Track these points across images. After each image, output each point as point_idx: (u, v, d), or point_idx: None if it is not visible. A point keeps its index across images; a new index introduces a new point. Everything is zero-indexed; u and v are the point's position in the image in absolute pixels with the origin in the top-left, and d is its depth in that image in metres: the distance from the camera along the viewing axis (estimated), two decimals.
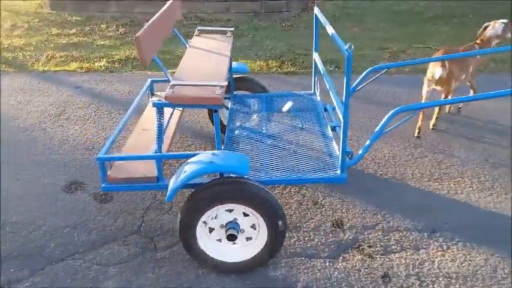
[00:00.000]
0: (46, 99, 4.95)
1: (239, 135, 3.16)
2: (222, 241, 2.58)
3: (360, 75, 3.42)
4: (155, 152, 2.64)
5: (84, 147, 3.97)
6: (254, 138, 3.12)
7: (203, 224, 2.51)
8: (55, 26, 7.87)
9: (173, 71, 2.99)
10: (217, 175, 2.54)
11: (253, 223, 2.54)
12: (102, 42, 7.03)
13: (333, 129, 3.20)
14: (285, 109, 3.44)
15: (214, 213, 2.49)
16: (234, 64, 3.77)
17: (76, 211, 3.17)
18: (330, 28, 2.71)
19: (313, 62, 3.65)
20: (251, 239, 2.58)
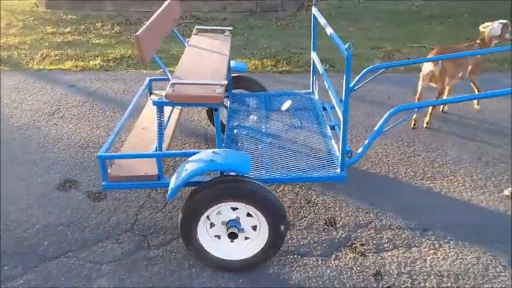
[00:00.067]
0: (40, 97, 4.94)
1: (238, 133, 3.16)
2: (221, 238, 2.59)
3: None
4: (156, 150, 2.64)
5: (78, 145, 3.97)
6: (253, 136, 3.13)
7: (206, 219, 2.51)
8: (50, 25, 7.86)
9: (171, 70, 2.99)
10: (217, 173, 2.55)
11: (255, 224, 2.55)
12: (97, 40, 7.02)
13: (332, 128, 3.22)
14: (284, 108, 3.45)
15: (217, 210, 2.49)
16: (232, 63, 3.77)
17: (70, 209, 3.17)
18: (329, 28, 2.72)
19: (311, 61, 3.66)
20: (248, 239, 2.59)
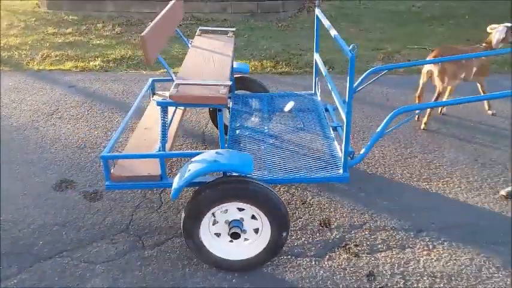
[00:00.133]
0: (40, 98, 4.97)
1: (241, 134, 3.17)
2: (221, 236, 2.59)
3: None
4: (159, 151, 2.66)
5: (75, 146, 3.99)
6: (256, 137, 3.13)
7: (211, 216, 2.51)
8: (51, 25, 7.89)
9: (174, 71, 3.00)
10: (220, 174, 2.56)
11: (257, 227, 2.56)
12: (98, 41, 7.05)
13: (334, 129, 3.23)
14: (287, 109, 3.47)
15: (225, 208, 2.49)
16: (235, 64, 3.78)
17: (66, 209, 3.18)
18: (333, 30, 2.73)
19: (314, 63, 3.67)
20: (248, 240, 2.60)
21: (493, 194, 3.28)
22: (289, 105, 3.48)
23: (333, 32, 2.69)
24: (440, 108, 4.54)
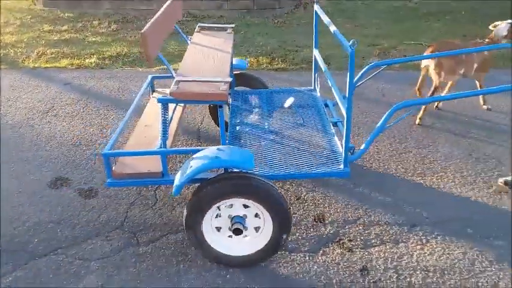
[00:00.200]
0: (35, 95, 4.96)
1: (241, 131, 3.18)
2: (221, 230, 2.59)
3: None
4: (160, 148, 2.66)
5: (70, 143, 3.99)
6: (256, 133, 3.14)
7: (216, 209, 2.52)
8: (47, 23, 7.87)
9: (174, 68, 3.01)
10: (221, 170, 2.56)
11: (258, 225, 2.57)
12: (93, 38, 7.03)
13: (334, 124, 3.23)
14: (287, 105, 3.47)
15: (230, 203, 2.50)
16: (234, 60, 3.78)
17: (61, 207, 3.19)
18: (332, 26, 2.74)
19: (313, 59, 3.68)
20: (246, 237, 2.60)
21: (487, 188, 3.29)
22: (289, 101, 3.49)
23: (333, 28, 2.70)
24: (436, 102, 4.54)
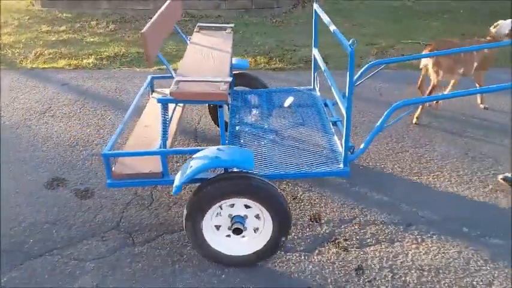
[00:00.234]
0: (32, 96, 4.96)
1: (241, 130, 3.18)
2: (220, 229, 2.59)
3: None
4: (160, 148, 2.66)
5: (67, 144, 3.99)
6: (256, 133, 3.15)
7: (218, 208, 2.52)
8: (45, 23, 7.87)
9: (173, 68, 3.01)
10: (221, 170, 2.56)
11: (257, 226, 2.57)
12: (91, 39, 7.03)
13: (334, 124, 3.23)
14: (287, 104, 3.47)
15: (232, 202, 2.49)
16: (234, 60, 3.77)
17: (57, 207, 3.19)
18: (332, 25, 2.74)
19: (312, 58, 3.68)
20: (244, 237, 2.60)
21: (483, 187, 3.29)
22: (288, 100, 3.49)
23: (332, 27, 2.71)
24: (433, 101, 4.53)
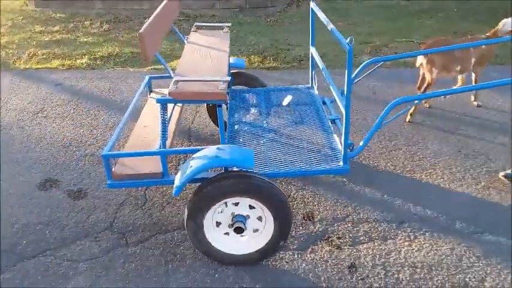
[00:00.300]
0: (25, 97, 4.95)
1: (240, 130, 3.18)
2: (220, 226, 2.59)
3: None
4: (160, 148, 2.66)
5: (60, 144, 3.97)
6: (255, 132, 3.15)
7: (224, 205, 2.52)
8: (39, 24, 7.84)
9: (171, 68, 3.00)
10: (221, 169, 2.56)
11: (257, 228, 2.58)
12: (85, 39, 7.01)
13: (332, 121, 3.24)
14: (285, 103, 3.48)
15: (236, 201, 2.50)
16: (231, 59, 3.77)
17: (50, 208, 3.18)
18: (330, 24, 2.75)
19: (310, 56, 3.68)
20: (244, 237, 2.61)
21: (475, 185, 3.31)
22: (287, 99, 3.50)
23: (330, 26, 2.71)
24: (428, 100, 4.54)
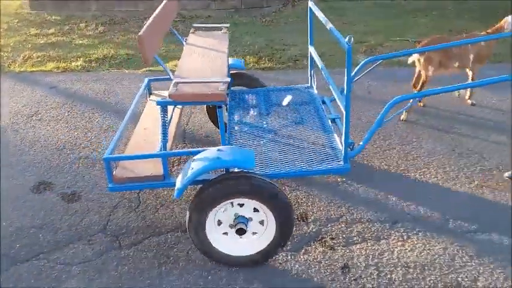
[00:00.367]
0: (20, 100, 4.94)
1: (240, 130, 3.18)
2: (221, 225, 2.58)
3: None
4: (160, 150, 2.65)
5: (54, 147, 3.97)
6: (256, 133, 3.15)
7: (230, 205, 2.51)
8: (34, 26, 7.84)
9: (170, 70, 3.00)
10: (223, 170, 2.56)
11: (256, 231, 2.58)
12: (80, 41, 7.00)
13: (333, 121, 3.24)
14: (285, 103, 3.48)
15: (241, 202, 2.49)
16: (230, 60, 3.77)
17: (43, 211, 3.17)
18: (329, 23, 2.75)
19: (308, 56, 3.68)
20: (243, 238, 2.60)
21: (469, 183, 3.31)
22: (286, 99, 3.50)
23: (329, 25, 2.72)
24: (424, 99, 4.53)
